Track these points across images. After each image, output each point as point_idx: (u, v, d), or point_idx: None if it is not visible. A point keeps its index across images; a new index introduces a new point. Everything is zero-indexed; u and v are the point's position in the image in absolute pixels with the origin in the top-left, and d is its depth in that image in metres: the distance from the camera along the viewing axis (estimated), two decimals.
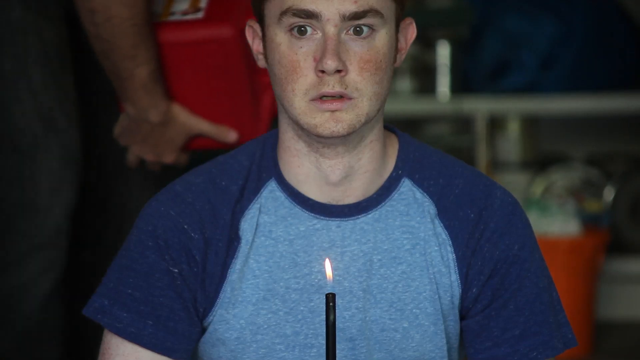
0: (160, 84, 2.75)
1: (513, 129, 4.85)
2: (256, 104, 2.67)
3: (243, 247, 2.09)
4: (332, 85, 2.00)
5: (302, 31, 2.02)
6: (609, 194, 4.73)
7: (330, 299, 1.81)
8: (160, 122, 2.69)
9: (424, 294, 2.11)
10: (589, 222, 4.40)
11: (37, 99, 2.80)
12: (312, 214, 2.10)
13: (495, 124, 4.77)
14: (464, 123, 4.73)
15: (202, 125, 2.73)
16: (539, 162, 4.79)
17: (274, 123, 2.77)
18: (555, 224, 4.14)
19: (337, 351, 1.88)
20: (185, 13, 2.81)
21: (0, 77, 2.78)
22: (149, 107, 2.70)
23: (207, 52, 2.71)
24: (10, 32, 2.70)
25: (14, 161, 2.77)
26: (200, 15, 2.79)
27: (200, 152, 2.82)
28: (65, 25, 2.79)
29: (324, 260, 1.96)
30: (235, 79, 2.72)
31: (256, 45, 2.10)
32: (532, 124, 4.94)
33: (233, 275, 2.09)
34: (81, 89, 2.85)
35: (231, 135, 2.72)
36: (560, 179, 4.72)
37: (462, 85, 4.66)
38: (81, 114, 2.85)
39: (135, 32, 2.67)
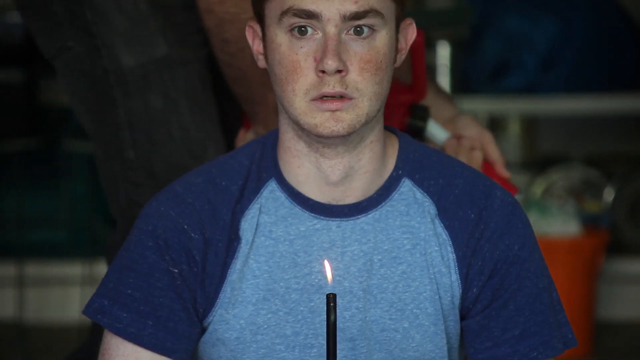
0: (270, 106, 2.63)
1: (513, 129, 4.87)
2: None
3: (243, 247, 2.08)
4: (332, 85, 2.00)
5: (302, 31, 2.02)
6: (609, 194, 4.71)
7: (331, 299, 1.80)
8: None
9: (425, 294, 2.11)
10: (589, 222, 4.40)
11: (189, 133, 2.77)
12: (313, 214, 2.09)
13: (495, 124, 4.77)
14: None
15: None
16: (538, 163, 4.80)
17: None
18: (555, 225, 4.14)
19: (337, 351, 1.85)
20: None
21: (151, 116, 2.74)
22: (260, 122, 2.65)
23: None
24: (157, 69, 2.67)
25: None
26: None
27: None
28: (205, 50, 2.73)
29: (324, 262, 1.97)
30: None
31: (256, 46, 2.10)
32: (532, 125, 4.94)
33: (233, 275, 2.08)
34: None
35: None
36: (560, 179, 4.72)
37: (462, 85, 4.67)
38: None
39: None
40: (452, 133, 2.67)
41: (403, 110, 2.62)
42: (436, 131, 2.60)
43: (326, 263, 1.94)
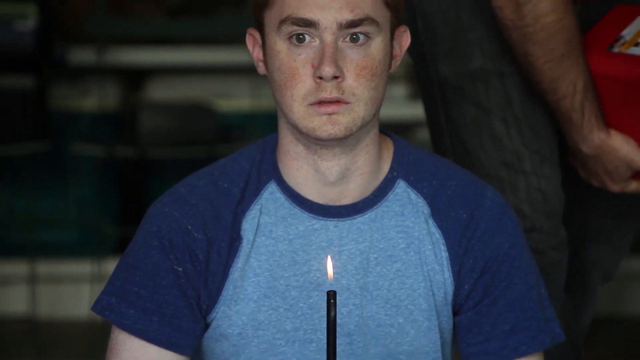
0: (590, 117, 2.68)
1: None
2: None
3: (244, 247, 2.09)
4: (329, 91, 2.00)
5: (300, 39, 2.02)
6: None
7: (332, 296, 1.81)
8: (593, 155, 2.65)
9: (418, 291, 2.11)
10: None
11: (501, 143, 2.78)
12: (311, 215, 2.10)
13: None
14: None
15: None
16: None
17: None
18: None
19: (335, 350, 1.85)
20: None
21: (466, 126, 2.76)
22: (579, 139, 2.67)
23: None
24: (471, 80, 2.72)
25: None
26: None
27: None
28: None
29: (326, 260, 1.93)
30: None
31: (256, 53, 2.10)
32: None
33: (235, 273, 2.09)
34: None
35: None
36: None
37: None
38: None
39: (551, 67, 2.65)
40: None
41: None
42: None
43: (329, 260, 1.90)
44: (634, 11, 2.63)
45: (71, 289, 4.57)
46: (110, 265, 2.25)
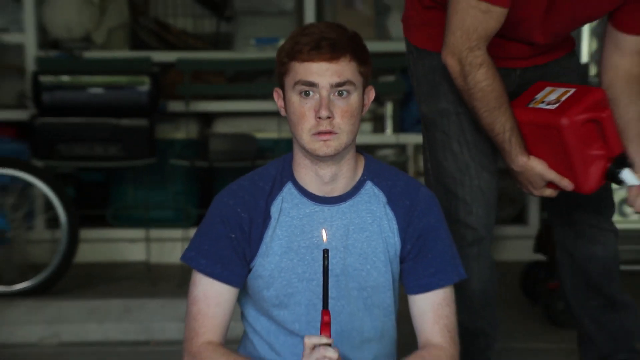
0: (516, 147, 2.57)
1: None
2: (585, 170, 2.52)
3: (272, 222, 2.10)
4: (325, 126, 2.01)
5: (307, 94, 2.03)
6: None
7: (326, 252, 1.87)
8: (519, 172, 2.58)
9: (379, 249, 2.12)
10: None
11: (456, 157, 2.70)
12: (313, 202, 2.12)
13: (418, 149, 4.67)
14: (400, 148, 4.65)
15: (551, 175, 2.56)
16: None
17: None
18: None
19: (328, 283, 1.88)
20: (549, 103, 2.60)
21: (436, 146, 2.68)
22: (509, 161, 2.59)
23: (548, 133, 2.52)
24: (439, 116, 2.66)
25: None
26: (554, 106, 2.58)
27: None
28: None
29: (322, 231, 2.00)
30: (569, 154, 2.51)
31: (280, 103, 2.12)
32: None
33: (266, 238, 2.11)
34: None
35: (569, 186, 2.55)
36: None
37: (399, 127, 4.57)
38: None
39: (487, 115, 2.55)
40: None
41: (604, 160, 2.50)
42: (628, 177, 2.50)
43: (323, 231, 1.98)
44: (544, 84, 2.66)
45: (169, 246, 4.50)
46: (192, 232, 2.20)
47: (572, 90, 2.60)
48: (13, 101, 4.67)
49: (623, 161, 2.50)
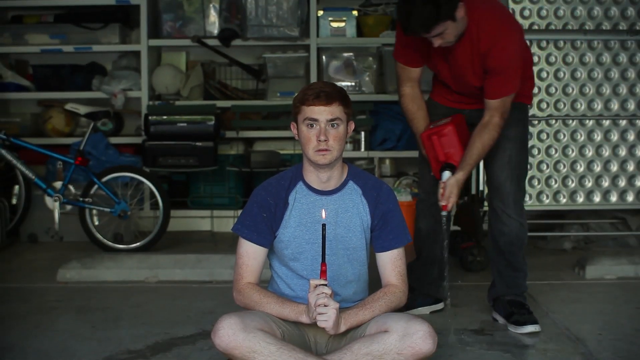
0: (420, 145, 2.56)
1: (389, 162, 4.58)
2: (434, 166, 2.49)
3: (289, 206, 2.08)
4: (323, 146, 1.99)
5: (311, 125, 2.04)
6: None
7: (324, 226, 1.84)
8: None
9: (357, 223, 2.09)
10: (415, 196, 4.19)
11: (424, 165, 2.62)
12: (316, 194, 2.09)
13: (381, 160, 4.54)
14: (369, 160, 4.50)
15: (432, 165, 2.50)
16: (397, 174, 4.55)
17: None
18: (403, 197, 3.94)
19: (325, 247, 1.88)
20: (444, 119, 2.54)
21: (420, 158, 2.61)
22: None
23: (443, 136, 2.43)
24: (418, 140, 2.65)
25: None
26: (448, 120, 2.50)
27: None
28: None
29: (322, 211, 1.98)
30: (457, 146, 2.43)
31: (294, 131, 2.08)
32: (392, 160, 4.64)
33: (286, 216, 2.08)
34: None
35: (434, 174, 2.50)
36: (404, 180, 4.46)
37: (369, 146, 4.44)
38: None
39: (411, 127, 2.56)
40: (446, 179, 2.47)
41: (440, 163, 2.47)
42: (443, 176, 2.42)
43: (323, 211, 1.96)
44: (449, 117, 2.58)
45: (225, 221, 4.38)
46: (239, 213, 2.11)
47: (449, 119, 2.50)
48: (133, 131, 4.54)
49: (450, 166, 2.39)
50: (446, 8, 2.19)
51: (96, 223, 3.78)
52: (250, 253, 1.98)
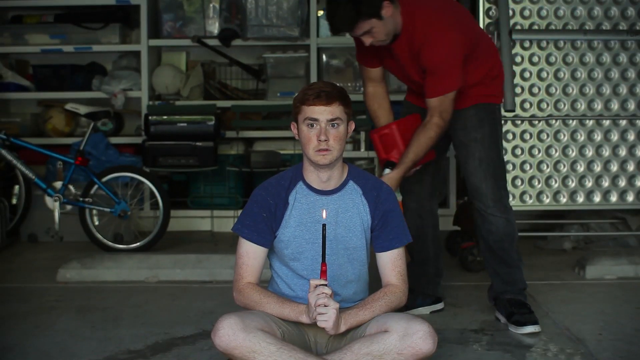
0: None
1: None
2: (381, 162, 2.52)
3: (289, 206, 2.06)
4: (323, 146, 1.97)
5: (312, 125, 2.02)
6: None
7: (324, 225, 1.83)
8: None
9: (357, 223, 2.08)
10: None
11: None
12: (316, 194, 2.08)
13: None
14: (369, 160, 4.51)
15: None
16: None
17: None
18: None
19: (326, 246, 1.88)
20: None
21: None
22: None
23: (384, 135, 2.46)
24: None
25: None
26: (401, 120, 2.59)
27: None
28: None
29: (323, 211, 1.97)
30: (397, 143, 2.44)
31: (295, 131, 2.05)
32: None
33: (286, 216, 2.06)
34: None
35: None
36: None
37: (368, 147, 4.44)
38: None
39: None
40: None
41: (384, 161, 2.50)
42: (384, 172, 2.47)
43: (324, 212, 1.95)
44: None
45: (225, 221, 4.39)
46: (239, 212, 2.11)
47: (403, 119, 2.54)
48: (133, 131, 4.52)
49: (391, 164, 2.40)
50: (366, 7, 2.20)
51: (96, 223, 3.78)
52: (251, 253, 1.97)
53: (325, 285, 1.80)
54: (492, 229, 2.50)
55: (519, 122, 3.47)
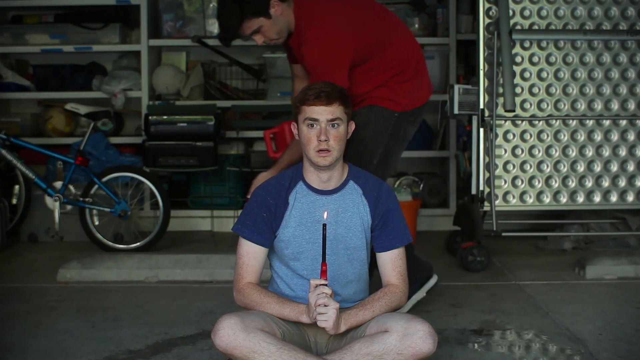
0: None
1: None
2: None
3: (290, 206, 2.06)
4: (323, 146, 1.96)
5: (312, 125, 2.02)
6: (419, 185, 4.47)
7: (324, 225, 1.82)
8: None
9: (357, 223, 2.08)
10: (415, 196, 4.18)
11: None
12: (316, 194, 2.08)
13: None
14: None
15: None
16: (397, 175, 4.55)
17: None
18: (403, 196, 3.94)
19: (326, 246, 1.87)
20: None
21: None
22: None
23: (278, 134, 2.47)
24: None
25: None
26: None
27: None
28: None
29: (324, 212, 1.95)
30: (287, 143, 2.46)
31: (295, 131, 2.07)
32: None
33: (286, 216, 2.06)
34: None
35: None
36: (405, 180, 4.48)
37: None
38: None
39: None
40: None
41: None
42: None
43: (325, 213, 1.93)
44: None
45: (225, 221, 4.38)
46: (239, 212, 2.11)
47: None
48: (133, 131, 4.53)
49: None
50: (252, 5, 2.18)
51: (96, 223, 3.78)
52: (251, 253, 1.96)
53: (326, 285, 1.79)
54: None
55: (519, 122, 3.47)
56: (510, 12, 3.42)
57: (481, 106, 3.37)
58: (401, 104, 2.39)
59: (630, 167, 3.52)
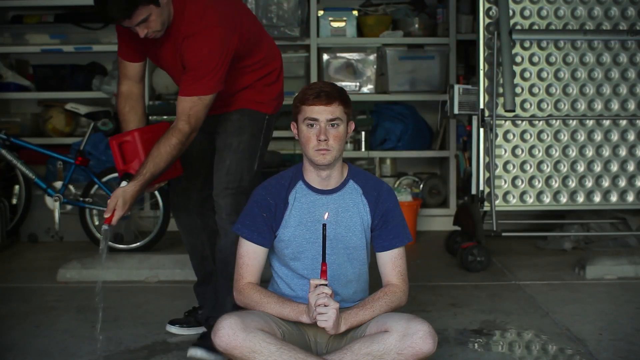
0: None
1: (389, 162, 4.60)
2: (120, 172, 2.21)
3: (290, 206, 2.05)
4: (323, 145, 1.96)
5: (311, 125, 2.01)
6: (419, 185, 4.49)
7: (324, 225, 1.80)
8: None
9: (357, 223, 2.07)
10: (414, 196, 4.18)
11: None
12: (316, 193, 2.07)
13: (382, 160, 4.56)
14: (370, 160, 4.52)
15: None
16: (397, 175, 4.57)
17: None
18: (403, 196, 3.94)
19: (326, 246, 1.85)
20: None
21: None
22: None
23: (123, 143, 2.14)
24: None
25: None
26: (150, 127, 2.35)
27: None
28: None
29: (324, 213, 1.94)
30: (139, 153, 2.14)
31: (295, 131, 2.04)
32: (394, 161, 4.67)
33: (286, 216, 2.05)
34: None
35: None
36: (405, 180, 4.49)
37: (369, 146, 4.46)
38: None
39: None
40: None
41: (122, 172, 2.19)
42: (123, 184, 2.13)
43: (326, 214, 1.93)
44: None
45: None
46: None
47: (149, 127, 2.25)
48: None
49: (129, 176, 2.10)
50: None
51: (96, 223, 3.76)
52: (251, 253, 1.96)
53: (326, 285, 1.79)
54: (220, 244, 2.22)
55: (519, 122, 3.48)
56: (510, 12, 3.43)
57: (481, 106, 3.40)
58: (271, 106, 2.32)
59: (630, 167, 3.53)
